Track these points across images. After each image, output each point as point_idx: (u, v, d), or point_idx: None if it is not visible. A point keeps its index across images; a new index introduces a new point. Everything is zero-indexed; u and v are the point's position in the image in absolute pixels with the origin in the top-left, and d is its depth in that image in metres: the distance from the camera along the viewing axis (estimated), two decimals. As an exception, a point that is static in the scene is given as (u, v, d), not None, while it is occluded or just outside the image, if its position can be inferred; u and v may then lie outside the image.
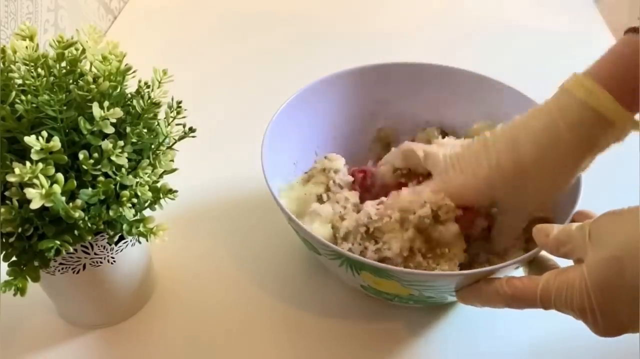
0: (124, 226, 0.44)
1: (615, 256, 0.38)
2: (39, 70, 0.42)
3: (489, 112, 0.63)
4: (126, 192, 0.42)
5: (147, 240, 0.45)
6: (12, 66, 0.43)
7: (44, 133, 0.39)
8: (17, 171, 0.38)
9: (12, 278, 0.42)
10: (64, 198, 0.40)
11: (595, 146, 0.46)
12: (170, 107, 0.46)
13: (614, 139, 0.46)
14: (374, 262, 0.47)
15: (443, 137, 0.63)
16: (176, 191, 0.46)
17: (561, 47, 0.92)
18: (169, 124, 0.46)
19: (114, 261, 0.48)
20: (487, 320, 0.54)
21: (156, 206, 0.46)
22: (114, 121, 0.41)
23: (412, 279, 0.47)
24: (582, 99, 0.45)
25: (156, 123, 0.45)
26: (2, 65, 0.43)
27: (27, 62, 0.42)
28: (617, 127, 0.45)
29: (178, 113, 0.46)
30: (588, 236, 0.41)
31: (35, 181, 0.38)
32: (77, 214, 0.40)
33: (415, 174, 0.56)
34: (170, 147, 0.46)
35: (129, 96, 0.45)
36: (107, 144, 0.41)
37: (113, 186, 0.42)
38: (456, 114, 0.64)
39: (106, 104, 0.41)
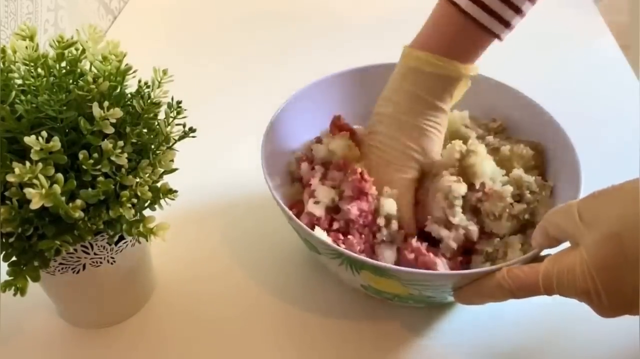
0: (124, 226, 0.44)
1: (612, 233, 0.38)
2: (39, 70, 0.42)
3: (489, 112, 0.63)
4: (126, 192, 0.42)
5: (147, 240, 0.45)
6: (12, 66, 0.43)
7: (44, 133, 0.39)
8: (17, 171, 0.38)
9: (12, 278, 0.42)
10: (64, 198, 0.40)
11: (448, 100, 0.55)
12: (170, 107, 0.46)
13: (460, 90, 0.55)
14: (374, 262, 0.47)
15: None
16: (176, 191, 0.46)
17: (561, 47, 0.92)
18: (169, 124, 0.46)
19: (114, 261, 0.48)
20: (487, 320, 0.54)
21: (156, 206, 0.46)
22: (114, 121, 0.41)
23: (411, 278, 0.47)
24: (433, 71, 0.53)
25: (156, 123, 0.45)
26: (2, 65, 0.43)
27: (27, 62, 0.42)
28: (464, 81, 0.54)
29: (178, 113, 0.46)
30: (579, 217, 0.41)
31: (35, 181, 0.38)
32: (77, 214, 0.40)
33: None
34: (170, 147, 0.46)
35: (129, 95, 0.45)
36: (107, 144, 0.41)
37: (113, 186, 0.42)
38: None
39: (106, 104, 0.41)
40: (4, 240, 0.41)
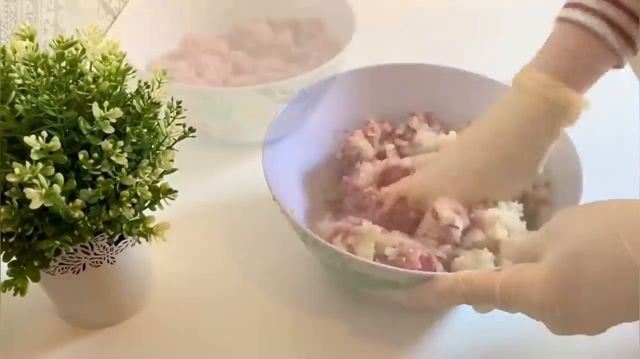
0: (124, 226, 0.44)
1: (574, 252, 0.38)
2: (39, 70, 0.42)
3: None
4: (126, 192, 0.42)
5: (147, 240, 0.45)
6: (12, 66, 0.43)
7: (44, 133, 0.39)
8: (17, 171, 0.38)
9: (12, 278, 0.42)
10: (64, 198, 0.40)
11: (556, 133, 0.52)
12: (170, 107, 0.46)
13: (568, 123, 0.52)
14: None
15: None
16: (176, 191, 0.46)
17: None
18: (169, 124, 0.46)
19: (114, 261, 0.48)
20: (486, 323, 0.53)
21: (156, 206, 0.46)
22: (114, 121, 0.41)
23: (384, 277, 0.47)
24: (543, 95, 0.50)
25: (156, 123, 0.45)
26: (2, 65, 0.43)
27: (27, 62, 0.42)
28: (573, 113, 0.51)
29: (178, 113, 0.46)
30: (546, 233, 0.41)
31: (35, 181, 0.38)
32: (77, 214, 0.40)
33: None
34: (170, 147, 0.46)
35: (129, 95, 0.45)
36: (107, 144, 0.41)
37: (113, 186, 0.42)
38: (454, 113, 0.64)
39: (106, 104, 0.41)
40: (4, 240, 0.41)
